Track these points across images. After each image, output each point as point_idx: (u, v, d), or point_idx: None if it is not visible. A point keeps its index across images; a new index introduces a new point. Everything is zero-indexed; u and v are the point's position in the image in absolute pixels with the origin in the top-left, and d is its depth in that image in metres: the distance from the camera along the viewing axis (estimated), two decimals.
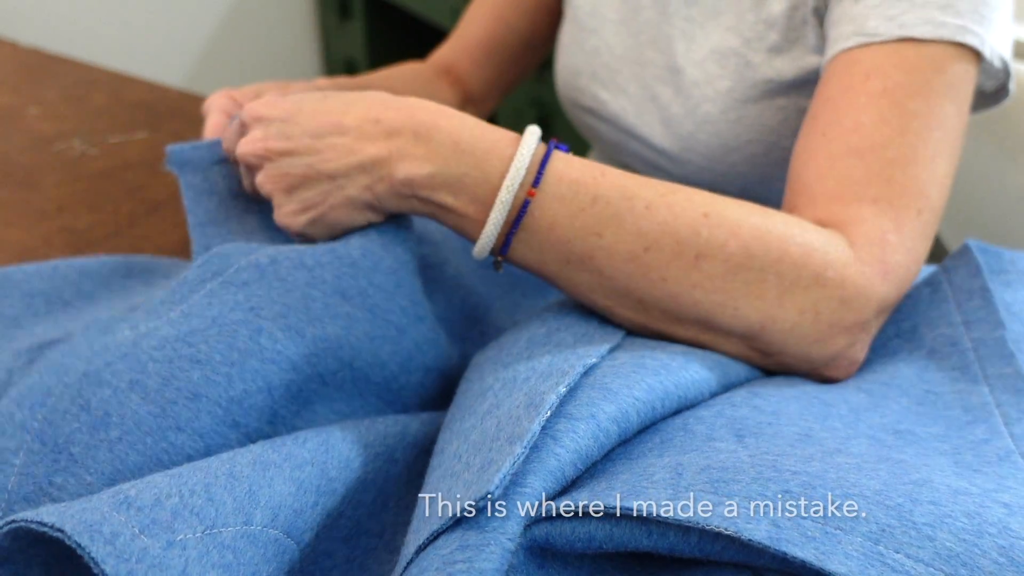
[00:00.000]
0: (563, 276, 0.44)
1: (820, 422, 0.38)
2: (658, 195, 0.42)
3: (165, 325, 0.40)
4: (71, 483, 0.35)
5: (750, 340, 0.43)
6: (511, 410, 0.34)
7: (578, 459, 0.33)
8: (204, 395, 0.38)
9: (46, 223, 0.67)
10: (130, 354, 0.38)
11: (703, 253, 0.41)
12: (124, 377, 0.37)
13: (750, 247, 0.41)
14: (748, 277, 0.41)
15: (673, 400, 0.38)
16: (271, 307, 0.41)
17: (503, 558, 0.29)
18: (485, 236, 0.42)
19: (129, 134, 0.74)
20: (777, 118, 0.59)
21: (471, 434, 0.35)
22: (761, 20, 0.57)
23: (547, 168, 0.42)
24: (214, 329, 0.39)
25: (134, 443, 0.36)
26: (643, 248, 0.41)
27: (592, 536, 0.31)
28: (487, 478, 0.30)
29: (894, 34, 0.45)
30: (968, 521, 0.29)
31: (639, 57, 0.66)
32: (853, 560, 0.27)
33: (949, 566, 0.28)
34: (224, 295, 0.41)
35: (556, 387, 0.34)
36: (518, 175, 0.41)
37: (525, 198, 0.42)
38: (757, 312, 0.41)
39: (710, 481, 0.31)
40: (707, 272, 0.41)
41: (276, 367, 0.40)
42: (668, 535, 0.30)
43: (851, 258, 0.42)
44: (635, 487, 0.31)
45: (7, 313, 0.53)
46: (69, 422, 0.36)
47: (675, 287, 0.42)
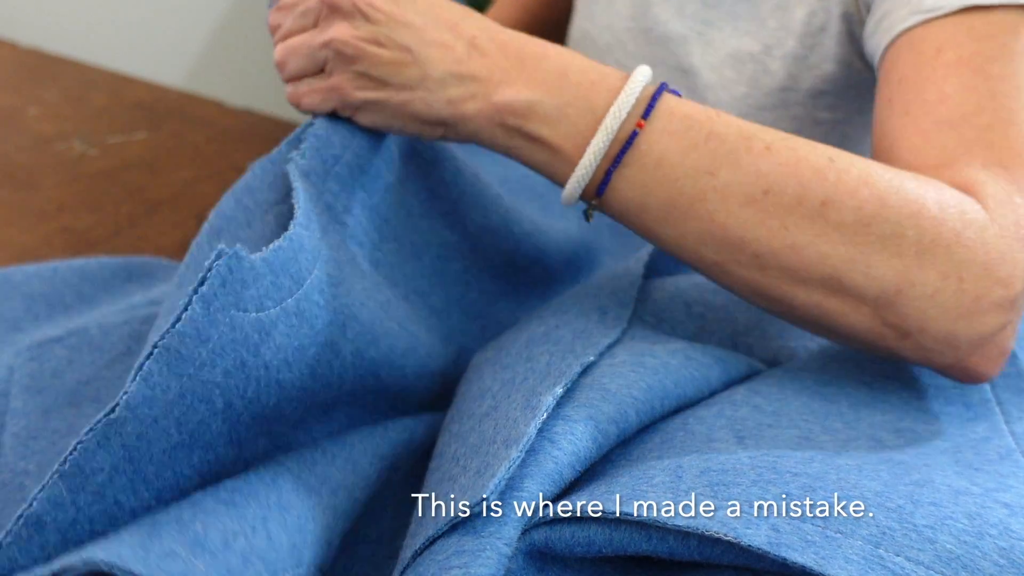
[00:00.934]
0: (669, 223, 0.39)
1: (821, 422, 0.38)
2: (780, 138, 0.39)
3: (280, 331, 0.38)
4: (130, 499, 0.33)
5: (885, 309, 0.37)
6: (508, 412, 0.34)
7: (576, 462, 0.33)
8: (279, 418, 0.36)
9: (46, 223, 0.67)
10: (247, 363, 0.36)
11: (831, 199, 0.37)
12: (219, 401, 0.35)
13: (884, 197, 0.37)
14: (883, 230, 0.36)
15: (672, 399, 0.38)
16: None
17: (499, 563, 0.29)
18: (581, 169, 0.39)
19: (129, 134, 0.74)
20: (791, 128, 0.58)
21: (469, 436, 0.35)
22: (782, 26, 0.57)
23: (658, 102, 0.39)
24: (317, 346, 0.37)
25: (212, 458, 0.34)
26: (762, 191, 0.37)
27: (592, 540, 0.31)
28: (483, 483, 0.30)
29: (956, 5, 0.43)
30: (969, 523, 0.29)
31: (649, 55, 0.65)
32: (853, 564, 0.27)
33: (950, 569, 0.27)
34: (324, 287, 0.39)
35: (553, 388, 0.34)
36: (627, 102, 0.38)
37: (633, 129, 0.38)
38: (894, 271, 0.37)
39: (710, 484, 0.31)
40: (835, 221, 0.37)
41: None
42: (668, 539, 0.30)
43: (987, 220, 0.38)
44: (635, 490, 0.31)
45: (8, 316, 0.53)
46: (158, 442, 0.33)
47: (799, 236, 0.37)
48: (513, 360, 0.40)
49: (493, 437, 0.33)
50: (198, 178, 0.75)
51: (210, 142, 0.82)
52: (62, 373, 0.47)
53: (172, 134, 0.82)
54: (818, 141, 0.59)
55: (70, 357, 0.48)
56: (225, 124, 0.85)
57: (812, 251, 0.37)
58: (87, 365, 0.47)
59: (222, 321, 0.31)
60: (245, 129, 0.85)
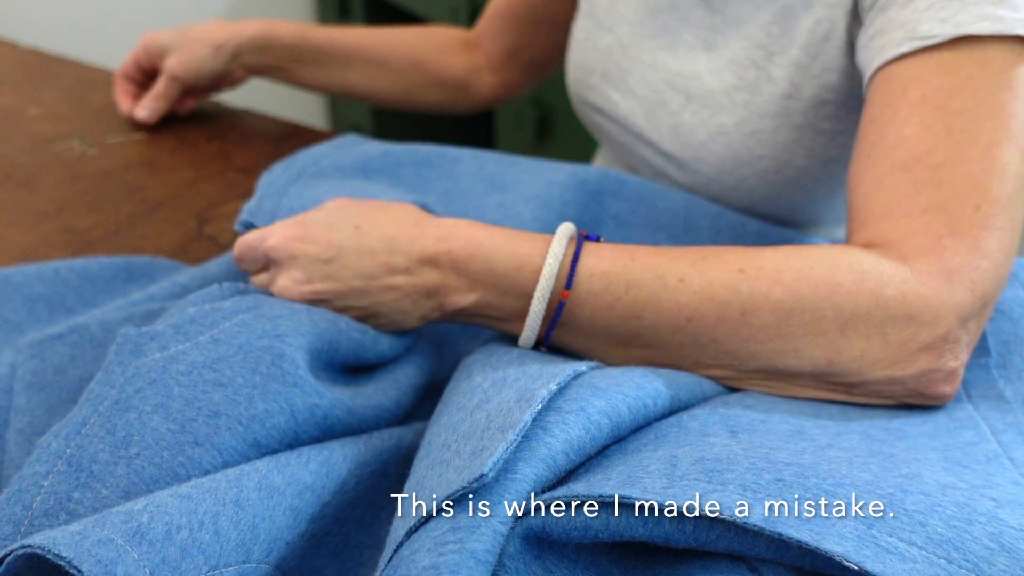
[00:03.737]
0: (612, 356, 0.45)
1: (812, 420, 0.39)
2: (689, 264, 0.42)
3: (193, 349, 0.41)
4: (88, 497, 0.35)
5: (822, 378, 0.42)
6: (501, 404, 0.35)
7: (569, 449, 0.34)
8: (224, 413, 0.39)
9: (46, 223, 0.68)
10: (158, 380, 0.39)
11: (748, 308, 0.41)
12: (150, 401, 0.38)
13: (796, 290, 0.40)
14: (803, 319, 0.40)
15: (665, 399, 0.39)
16: (298, 338, 0.42)
17: (495, 540, 0.30)
18: (527, 332, 0.44)
19: (129, 134, 0.74)
20: (792, 136, 0.59)
21: (460, 426, 0.35)
22: (785, 33, 0.57)
23: (578, 267, 0.43)
24: (239, 356, 0.40)
25: (151, 457, 0.37)
26: (686, 319, 0.42)
27: (588, 525, 0.31)
28: (480, 461, 0.31)
29: (949, 34, 0.44)
30: (958, 510, 0.30)
31: (653, 60, 0.65)
32: (848, 541, 0.28)
33: (942, 550, 0.28)
34: (255, 325, 0.42)
35: (547, 384, 0.35)
36: (548, 284, 0.43)
37: (560, 300, 0.43)
38: (821, 348, 0.41)
39: (705, 471, 0.31)
40: (757, 325, 0.41)
41: (299, 391, 0.40)
42: (663, 524, 0.31)
43: (907, 273, 0.40)
44: (631, 477, 0.32)
45: (10, 318, 0.53)
46: (95, 444, 0.37)
47: (728, 345, 0.42)
48: (504, 364, 0.41)
49: (487, 425, 0.34)
50: (198, 178, 0.76)
51: (210, 142, 0.82)
52: (64, 369, 0.47)
53: (172, 134, 0.83)
54: (819, 151, 0.59)
55: (72, 354, 0.48)
56: (225, 124, 0.85)
57: (744, 352, 0.42)
58: (89, 361, 0.48)
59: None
60: (245, 129, 0.85)
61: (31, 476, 0.36)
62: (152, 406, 0.38)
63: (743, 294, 0.41)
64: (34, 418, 0.45)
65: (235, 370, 0.40)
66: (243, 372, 0.40)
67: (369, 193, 0.57)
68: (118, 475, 0.36)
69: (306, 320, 0.43)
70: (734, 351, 0.42)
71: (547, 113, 1.49)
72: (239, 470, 0.35)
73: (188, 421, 0.38)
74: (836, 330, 0.40)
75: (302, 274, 0.46)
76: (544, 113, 1.50)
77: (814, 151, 0.59)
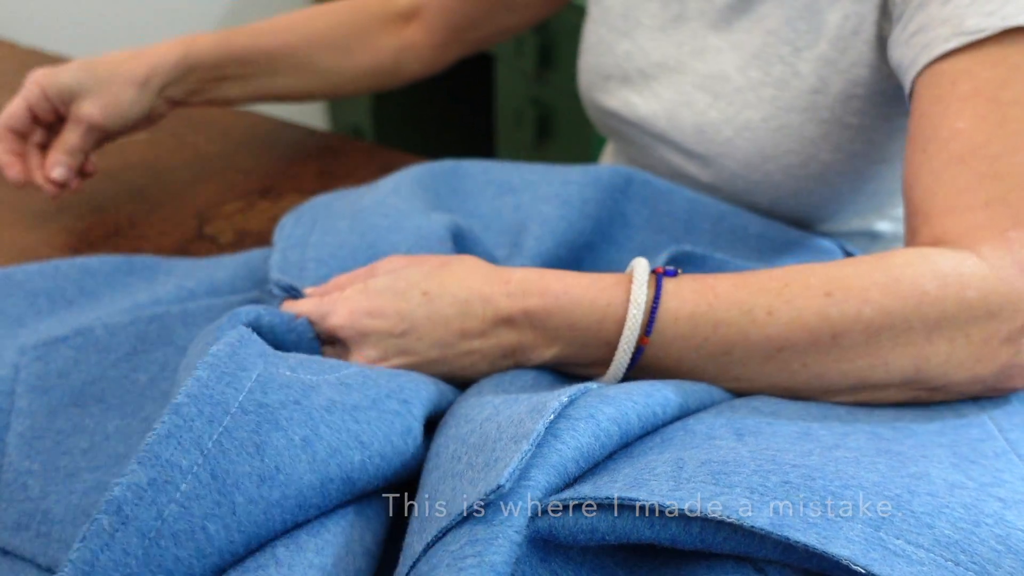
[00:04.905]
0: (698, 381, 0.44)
1: (819, 421, 0.39)
2: (774, 295, 0.41)
3: (326, 386, 0.37)
4: (220, 536, 0.31)
5: (909, 385, 0.41)
6: (512, 416, 0.35)
7: (579, 456, 0.33)
8: (358, 479, 0.35)
9: (46, 223, 0.67)
10: (303, 404, 0.35)
11: (839, 331, 0.40)
12: (297, 431, 0.34)
13: (885, 305, 0.40)
14: (892, 333, 0.40)
15: (674, 407, 0.39)
16: (419, 407, 0.39)
17: (511, 551, 0.30)
18: (609, 378, 0.44)
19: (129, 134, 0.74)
20: (819, 131, 0.59)
21: (469, 438, 0.35)
22: (813, 29, 0.57)
23: (661, 312, 0.42)
24: (374, 413, 0.37)
25: (289, 509, 0.33)
26: (776, 349, 0.41)
27: (595, 528, 0.31)
28: (495, 473, 0.31)
29: (998, 27, 0.44)
30: (965, 512, 0.29)
31: (680, 66, 0.65)
32: (855, 544, 0.28)
33: (949, 552, 0.28)
34: (378, 378, 0.39)
35: (559, 396, 0.35)
36: (633, 336, 0.42)
37: (640, 345, 0.42)
38: (908, 358, 0.40)
39: (711, 473, 0.31)
40: (847, 344, 0.40)
41: (412, 471, 0.38)
42: (670, 526, 0.31)
43: (984, 269, 0.40)
44: (637, 479, 0.32)
45: (10, 313, 0.53)
46: (242, 462, 0.32)
47: (819, 368, 0.41)
48: (515, 388, 0.41)
49: (498, 436, 0.33)
50: (198, 178, 0.75)
51: (210, 142, 0.82)
52: (68, 373, 0.47)
53: (172, 134, 0.82)
54: (845, 145, 0.58)
55: (76, 357, 0.48)
56: (225, 124, 0.85)
57: (834, 374, 0.41)
58: (93, 365, 0.48)
59: None
60: (245, 129, 0.85)
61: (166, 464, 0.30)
62: (300, 438, 0.34)
63: (833, 318, 0.40)
64: (35, 421, 0.44)
65: (372, 430, 0.36)
66: (379, 437, 0.36)
67: (391, 212, 0.56)
68: (254, 521, 0.32)
69: (423, 389, 0.40)
70: (824, 373, 0.41)
71: (547, 113, 1.49)
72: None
73: (328, 481, 0.34)
74: (923, 338, 0.40)
75: (376, 352, 0.43)
76: (544, 113, 1.50)
77: (840, 146, 0.59)
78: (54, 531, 0.40)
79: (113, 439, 0.45)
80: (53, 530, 0.40)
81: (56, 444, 0.44)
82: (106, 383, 0.47)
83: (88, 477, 0.42)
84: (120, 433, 0.45)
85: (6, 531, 0.40)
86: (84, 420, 0.45)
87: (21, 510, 0.40)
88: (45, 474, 0.42)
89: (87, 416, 0.45)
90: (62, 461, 0.43)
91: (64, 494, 0.41)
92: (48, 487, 0.41)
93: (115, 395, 0.47)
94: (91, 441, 0.44)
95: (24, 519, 0.40)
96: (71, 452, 0.43)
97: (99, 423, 0.45)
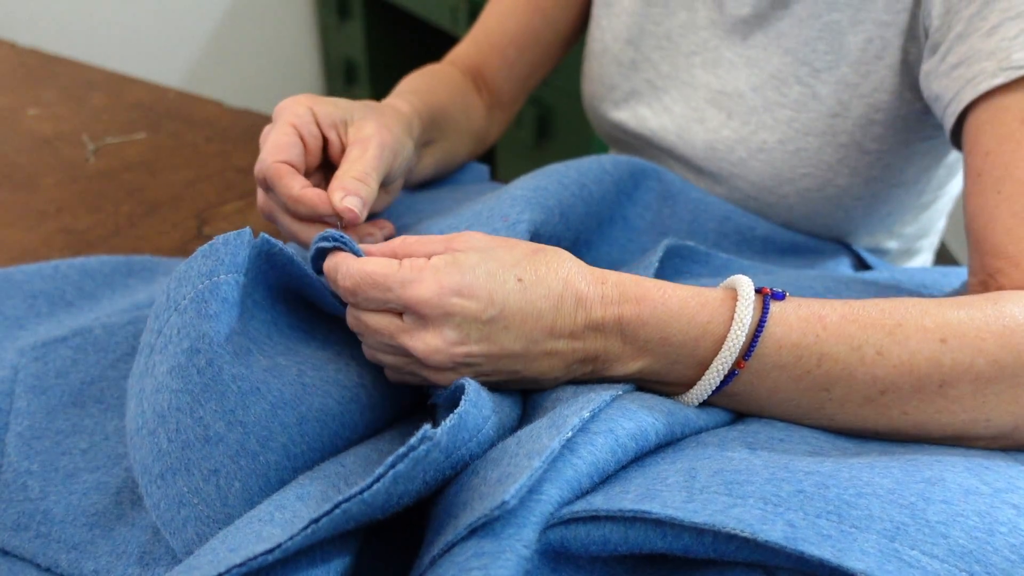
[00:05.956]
0: (785, 419, 0.41)
1: (831, 441, 0.39)
2: (886, 334, 0.38)
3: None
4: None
5: (1001, 439, 0.39)
6: (532, 430, 0.34)
7: (595, 471, 0.33)
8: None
9: (46, 224, 0.67)
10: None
11: (947, 381, 0.37)
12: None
13: (999, 358, 0.37)
14: (999, 387, 0.37)
15: (693, 426, 0.38)
16: None
17: (518, 565, 0.29)
18: (692, 398, 0.40)
19: (128, 135, 0.74)
20: (837, 155, 0.58)
21: (491, 452, 0.35)
22: (833, 50, 0.56)
23: (765, 337, 0.39)
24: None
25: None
26: (879, 392, 0.38)
27: (607, 539, 0.31)
28: (503, 489, 0.30)
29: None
30: (979, 520, 0.29)
31: (690, 79, 0.64)
32: (870, 557, 0.27)
33: (964, 562, 0.28)
34: None
35: (580, 411, 0.34)
36: (731, 358, 0.38)
37: (733, 370, 0.39)
38: (1011, 416, 0.38)
39: (724, 483, 0.31)
40: (953, 396, 0.38)
41: None
42: (683, 536, 0.30)
43: None
44: (649, 490, 0.31)
45: (10, 314, 0.53)
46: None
47: (919, 417, 0.38)
48: (541, 396, 0.41)
49: (516, 451, 0.33)
50: (198, 178, 0.75)
51: (210, 142, 0.82)
52: (67, 373, 0.47)
53: (172, 134, 0.82)
54: (863, 170, 0.57)
55: (75, 357, 0.48)
56: (225, 124, 0.85)
57: (933, 425, 0.38)
58: (92, 365, 0.47)
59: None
60: (245, 129, 0.85)
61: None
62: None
63: (945, 367, 0.37)
64: (34, 422, 0.44)
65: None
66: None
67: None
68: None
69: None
70: (924, 423, 0.38)
71: (547, 113, 1.49)
72: None
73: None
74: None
75: (456, 334, 0.38)
76: (544, 113, 1.49)
77: (858, 170, 0.58)
78: (54, 531, 0.39)
79: (112, 439, 0.44)
80: (53, 530, 0.40)
81: (55, 444, 0.44)
82: (105, 383, 0.47)
83: (87, 477, 0.42)
84: (119, 433, 0.45)
85: (6, 531, 0.40)
86: (83, 420, 0.45)
87: (21, 510, 0.40)
88: (44, 474, 0.42)
89: (86, 416, 0.45)
90: (61, 461, 0.43)
91: (64, 494, 0.41)
92: (47, 487, 0.41)
93: (114, 395, 0.47)
94: (90, 441, 0.44)
95: (24, 519, 0.40)
96: (70, 452, 0.43)
97: (98, 423, 0.45)
